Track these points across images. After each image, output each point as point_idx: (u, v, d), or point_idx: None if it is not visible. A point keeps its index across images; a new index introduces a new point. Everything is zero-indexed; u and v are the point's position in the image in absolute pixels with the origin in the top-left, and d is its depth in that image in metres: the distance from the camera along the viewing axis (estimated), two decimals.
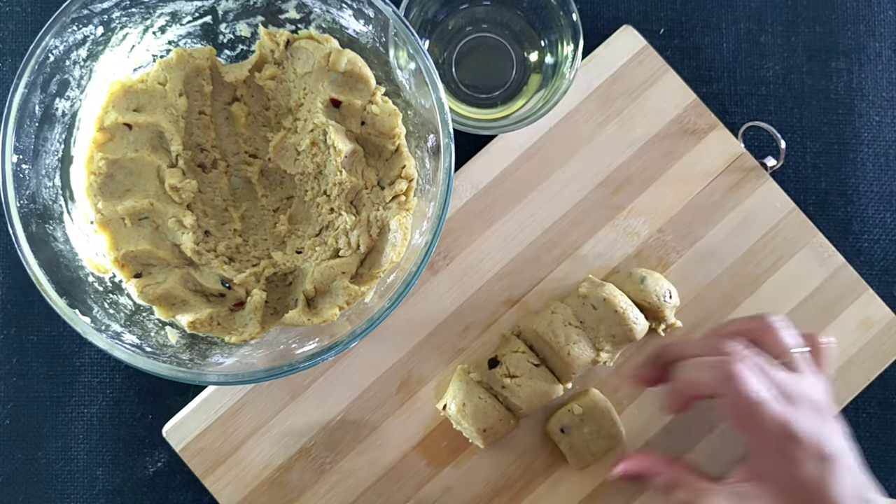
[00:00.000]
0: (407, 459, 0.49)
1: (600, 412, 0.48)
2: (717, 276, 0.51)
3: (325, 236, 0.47)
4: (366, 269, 0.46)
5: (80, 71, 0.43)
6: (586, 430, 0.48)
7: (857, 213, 0.54)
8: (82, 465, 0.51)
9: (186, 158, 0.46)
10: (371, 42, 0.45)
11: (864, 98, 0.54)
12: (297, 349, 0.43)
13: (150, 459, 0.51)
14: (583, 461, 0.48)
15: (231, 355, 0.44)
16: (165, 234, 0.45)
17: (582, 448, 0.48)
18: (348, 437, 0.49)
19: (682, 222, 0.51)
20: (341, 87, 0.46)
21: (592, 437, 0.48)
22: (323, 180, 0.47)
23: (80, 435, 0.51)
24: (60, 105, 0.43)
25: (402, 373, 0.50)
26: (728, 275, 0.51)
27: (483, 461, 0.50)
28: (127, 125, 0.44)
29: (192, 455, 0.49)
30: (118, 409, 0.51)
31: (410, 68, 0.43)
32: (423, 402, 0.50)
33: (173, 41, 0.46)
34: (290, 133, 0.47)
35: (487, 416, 0.47)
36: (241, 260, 0.47)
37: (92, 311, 0.42)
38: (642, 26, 0.53)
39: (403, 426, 0.49)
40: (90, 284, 0.43)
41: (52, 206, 0.43)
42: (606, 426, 0.48)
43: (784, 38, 0.54)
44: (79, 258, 0.43)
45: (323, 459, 0.49)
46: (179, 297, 0.45)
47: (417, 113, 0.45)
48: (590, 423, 0.48)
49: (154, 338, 0.44)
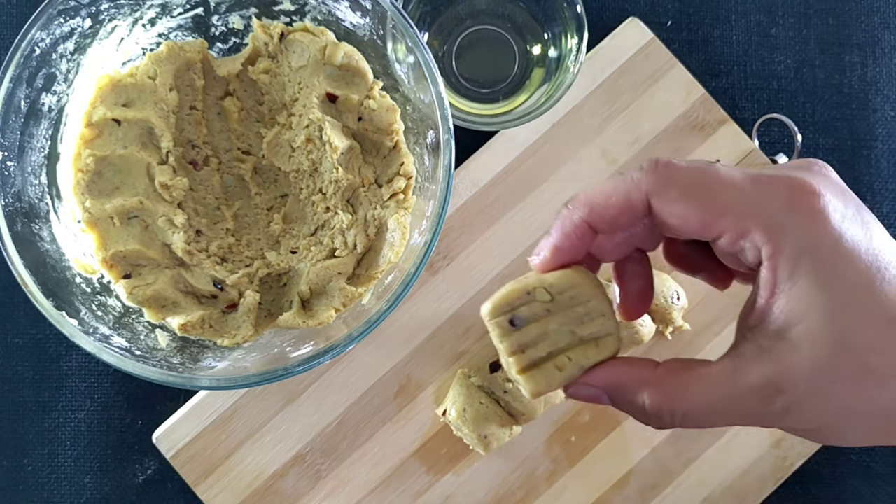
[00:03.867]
0: (405, 466, 0.49)
1: (583, 297, 0.30)
2: None
3: (320, 236, 0.47)
4: (363, 269, 0.46)
5: (67, 65, 0.43)
6: (553, 325, 0.29)
7: (871, 210, 0.54)
8: (69, 473, 0.51)
9: (177, 155, 0.46)
10: (368, 35, 0.45)
11: (878, 92, 0.55)
12: (291, 352, 0.43)
13: (139, 467, 0.51)
14: (541, 383, 0.29)
15: (223, 359, 0.44)
16: (155, 234, 0.45)
17: (541, 358, 0.29)
18: (345, 444, 0.49)
19: None
20: (337, 81, 0.46)
21: (563, 338, 0.29)
22: (318, 178, 0.47)
23: (68, 441, 0.51)
24: (47, 100, 0.42)
25: (401, 377, 0.50)
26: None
27: (484, 469, 0.50)
28: (115, 121, 0.44)
29: (183, 462, 0.49)
30: (107, 414, 0.51)
31: (409, 62, 0.43)
32: (422, 408, 0.50)
33: (163, 34, 0.46)
34: (284, 129, 0.47)
35: (489, 421, 0.47)
36: (234, 260, 0.47)
37: (79, 313, 0.42)
38: (649, 18, 0.53)
39: (402, 432, 0.49)
40: (78, 286, 0.43)
41: (39, 205, 0.43)
42: (592, 321, 0.30)
43: (796, 31, 0.55)
44: (66, 258, 0.43)
45: (319, 466, 0.49)
46: (170, 299, 0.45)
47: (416, 108, 0.45)
48: (561, 316, 0.29)
49: (144, 341, 0.43)
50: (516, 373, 0.30)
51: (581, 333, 0.29)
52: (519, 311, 0.29)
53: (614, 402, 0.30)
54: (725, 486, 0.50)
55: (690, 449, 0.50)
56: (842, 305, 0.27)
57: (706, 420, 0.29)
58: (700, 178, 0.28)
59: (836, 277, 0.27)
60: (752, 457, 0.50)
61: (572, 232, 0.30)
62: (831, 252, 0.27)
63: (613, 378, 0.30)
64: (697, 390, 0.28)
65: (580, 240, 0.30)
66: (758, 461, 0.50)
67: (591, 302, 0.30)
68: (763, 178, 0.28)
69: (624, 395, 0.29)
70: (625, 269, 0.33)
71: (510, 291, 0.30)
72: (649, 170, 0.29)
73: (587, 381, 0.30)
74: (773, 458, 0.50)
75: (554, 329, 0.29)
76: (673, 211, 0.28)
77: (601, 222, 0.29)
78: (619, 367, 0.30)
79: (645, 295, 0.33)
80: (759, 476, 0.50)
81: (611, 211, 0.29)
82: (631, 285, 0.33)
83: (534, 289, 0.30)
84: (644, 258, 0.33)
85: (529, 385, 0.29)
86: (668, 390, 0.29)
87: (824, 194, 0.28)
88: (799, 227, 0.27)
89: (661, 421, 0.29)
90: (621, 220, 0.29)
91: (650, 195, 0.29)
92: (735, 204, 0.28)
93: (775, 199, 0.28)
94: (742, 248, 0.28)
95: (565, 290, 0.30)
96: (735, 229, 0.28)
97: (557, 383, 0.30)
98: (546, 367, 0.29)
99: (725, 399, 0.28)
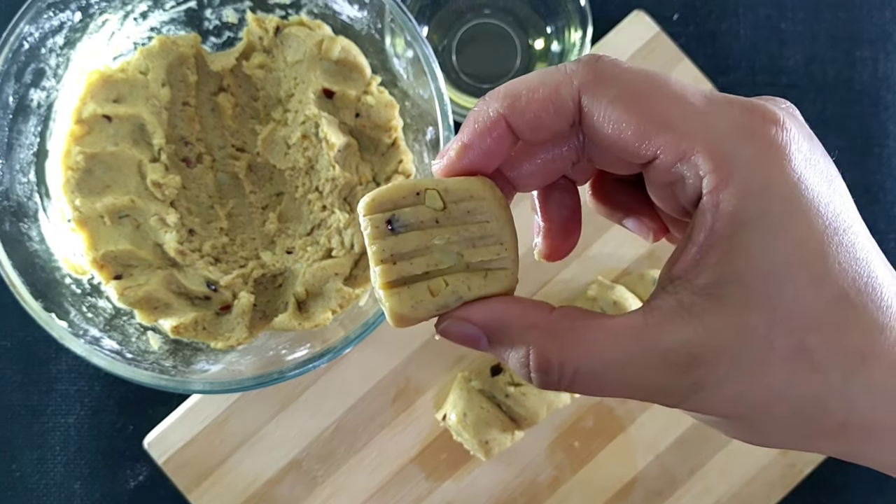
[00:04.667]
0: (404, 473, 0.49)
1: (482, 214, 0.25)
2: None
3: (317, 235, 0.47)
4: (360, 270, 0.46)
5: (56, 59, 0.43)
6: (439, 240, 0.25)
7: (882, 211, 0.53)
8: (59, 479, 0.51)
9: (169, 153, 0.46)
10: (366, 29, 0.45)
11: (890, 89, 0.54)
12: (287, 355, 0.43)
13: (131, 473, 0.51)
14: (405, 305, 0.25)
15: (217, 362, 0.44)
16: (147, 233, 0.45)
17: (415, 276, 0.25)
18: (342, 449, 0.49)
19: None
20: (334, 76, 0.46)
21: (447, 258, 0.25)
22: (315, 176, 0.47)
23: (57, 446, 0.51)
24: (35, 96, 0.42)
25: (399, 381, 0.50)
26: None
27: (485, 475, 0.49)
28: (106, 117, 0.44)
29: (175, 468, 0.49)
30: (97, 419, 0.51)
31: (408, 56, 0.43)
32: (421, 412, 0.50)
33: (156, 28, 0.46)
34: (279, 126, 0.47)
35: (490, 426, 0.47)
36: (228, 261, 0.47)
37: (69, 314, 0.42)
38: (655, 12, 0.53)
39: (400, 437, 0.49)
40: (67, 287, 0.43)
41: (27, 204, 0.42)
42: (486, 247, 0.25)
43: (805, 25, 0.54)
44: (55, 259, 0.43)
45: (315, 472, 0.49)
46: (162, 300, 0.45)
47: (415, 104, 0.45)
48: (451, 231, 0.25)
49: (135, 343, 0.43)
50: (380, 286, 0.25)
51: (469, 259, 0.25)
52: (401, 213, 0.25)
53: (494, 346, 0.25)
54: (732, 494, 0.50)
55: (696, 455, 0.50)
56: (787, 269, 0.22)
57: (600, 384, 0.24)
58: (644, 82, 0.23)
59: (785, 231, 0.22)
60: (760, 464, 0.50)
61: (486, 129, 0.24)
62: (786, 199, 0.22)
63: (496, 315, 0.25)
64: (596, 344, 0.24)
65: (495, 141, 0.25)
66: (765, 468, 0.50)
67: (491, 224, 0.25)
68: (719, 98, 0.24)
69: (506, 338, 0.25)
70: (549, 197, 0.28)
71: (396, 187, 0.25)
72: (587, 62, 0.24)
73: (463, 315, 0.25)
74: (782, 465, 0.50)
75: (439, 245, 0.25)
76: (607, 114, 0.23)
77: (521, 121, 0.24)
78: (505, 303, 0.25)
79: (571, 228, 0.28)
80: (766, 483, 0.50)
81: (534, 106, 0.24)
82: (555, 214, 0.28)
83: (425, 190, 0.25)
84: (572, 188, 0.28)
85: (392, 303, 0.25)
86: (561, 339, 0.24)
87: (788, 127, 0.23)
88: (753, 159, 0.23)
89: (547, 377, 0.24)
90: (546, 120, 0.24)
91: (583, 91, 0.24)
92: (681, 118, 0.23)
93: (729, 120, 0.23)
94: (680, 175, 0.23)
95: (462, 201, 0.25)
96: (675, 148, 0.23)
97: (427, 311, 0.25)
98: (418, 287, 0.25)
99: (627, 360, 0.23)
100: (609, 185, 0.29)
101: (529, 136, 0.25)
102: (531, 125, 0.24)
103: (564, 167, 0.26)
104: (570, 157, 0.26)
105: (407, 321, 0.25)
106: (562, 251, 0.28)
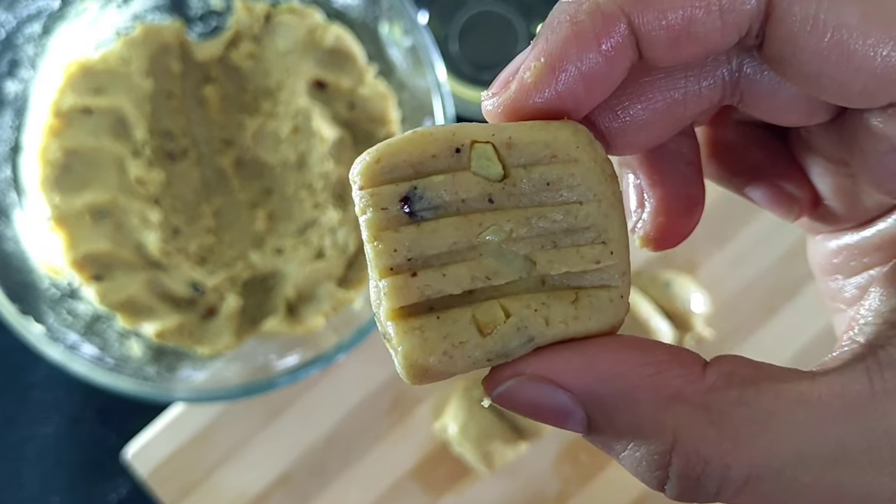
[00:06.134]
0: (400, 487, 0.49)
1: (573, 184, 0.16)
2: (751, 280, 0.50)
3: (308, 235, 0.47)
4: (355, 271, 0.46)
5: (33, 49, 0.43)
6: (493, 233, 0.16)
7: None
8: (36, 493, 0.51)
9: (153, 147, 0.46)
10: (360, 15, 0.45)
11: None
12: (276, 362, 0.43)
13: (111, 486, 0.51)
14: (430, 351, 0.16)
15: (202, 369, 0.44)
16: (129, 233, 0.45)
17: (447, 299, 0.16)
18: (335, 462, 0.49)
19: (712, 219, 0.50)
20: (327, 66, 0.46)
21: (508, 266, 0.16)
22: (306, 171, 0.47)
23: (34, 458, 0.51)
24: (12, 87, 0.43)
25: (395, 390, 0.49)
26: (764, 278, 0.50)
27: (487, 489, 0.49)
28: (86, 110, 0.44)
29: (159, 482, 0.48)
30: (76, 429, 0.51)
31: (405, 45, 0.43)
32: (418, 423, 0.49)
33: (138, 15, 0.46)
34: (269, 118, 0.47)
35: (492, 438, 0.46)
36: (215, 261, 0.47)
37: (47, 318, 0.42)
38: None
39: (397, 449, 0.49)
40: (45, 289, 0.43)
41: (2, 202, 0.43)
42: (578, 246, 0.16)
43: None
44: (32, 260, 0.43)
45: (306, 487, 0.49)
46: (145, 304, 0.45)
47: (413, 95, 0.45)
48: (516, 217, 0.16)
49: (116, 349, 0.43)
50: (388, 315, 0.15)
51: (548, 269, 0.15)
52: (428, 185, 0.15)
53: (598, 431, 0.16)
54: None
55: None
56: None
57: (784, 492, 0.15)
58: None
59: None
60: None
61: (593, 35, 0.15)
62: None
63: (604, 374, 0.15)
64: (790, 427, 0.15)
65: (606, 58, 0.15)
66: None
67: (586, 206, 0.15)
68: None
69: (624, 417, 0.15)
70: (663, 152, 0.19)
71: (420, 136, 0.15)
72: None
73: (543, 373, 0.15)
74: None
75: (493, 244, 0.15)
76: (828, 19, 0.14)
77: (658, 24, 0.15)
78: (617, 352, 0.16)
79: (694, 196, 0.20)
80: None
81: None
82: (670, 175, 0.19)
83: (471, 143, 0.15)
84: (690, 131, 0.20)
85: (409, 347, 0.15)
86: (729, 422, 0.15)
87: None
88: None
89: (699, 487, 0.15)
90: (702, 26, 0.15)
91: None
92: None
93: None
94: None
95: (537, 164, 0.15)
96: None
97: (469, 360, 0.15)
98: (454, 316, 0.15)
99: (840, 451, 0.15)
100: (734, 131, 0.20)
101: (665, 53, 0.16)
102: (675, 32, 0.15)
103: (694, 115, 0.18)
104: (710, 98, 0.17)
105: (433, 376, 0.15)
106: (680, 233, 0.20)
